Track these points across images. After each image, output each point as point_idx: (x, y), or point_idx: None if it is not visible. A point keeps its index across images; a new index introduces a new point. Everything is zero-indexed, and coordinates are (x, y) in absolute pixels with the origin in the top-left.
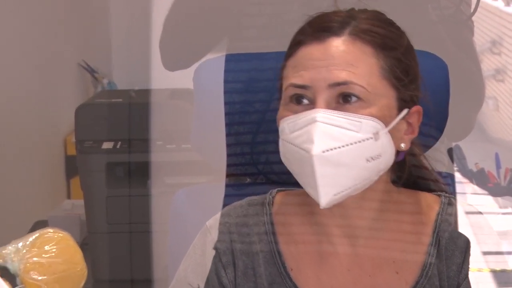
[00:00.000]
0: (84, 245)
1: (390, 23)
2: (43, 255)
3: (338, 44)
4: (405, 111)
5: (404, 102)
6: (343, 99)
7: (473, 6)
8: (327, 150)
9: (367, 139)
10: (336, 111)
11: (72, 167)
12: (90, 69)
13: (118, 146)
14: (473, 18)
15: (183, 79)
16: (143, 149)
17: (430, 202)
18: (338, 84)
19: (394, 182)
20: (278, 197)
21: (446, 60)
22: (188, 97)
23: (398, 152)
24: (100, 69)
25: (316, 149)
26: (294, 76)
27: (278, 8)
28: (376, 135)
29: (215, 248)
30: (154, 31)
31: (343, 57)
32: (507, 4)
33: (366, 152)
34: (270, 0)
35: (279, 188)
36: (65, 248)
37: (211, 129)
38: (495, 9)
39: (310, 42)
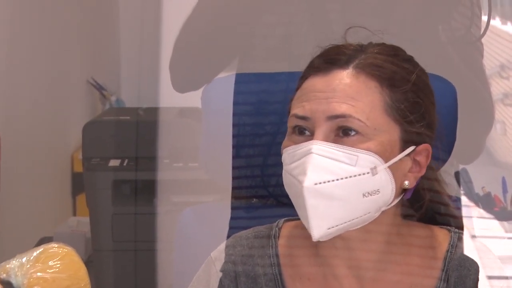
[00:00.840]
0: (89, 263)
1: (404, 59)
2: (47, 270)
3: (341, 77)
4: (410, 149)
5: (410, 139)
6: (342, 132)
7: (482, 29)
8: (320, 183)
9: (364, 173)
10: (333, 143)
11: (78, 184)
12: (98, 86)
13: (125, 164)
14: (483, 41)
15: (192, 97)
16: (150, 167)
17: (440, 237)
18: (337, 116)
19: (408, 215)
20: (285, 228)
21: (456, 82)
22: (196, 116)
23: (405, 189)
24: (108, 87)
25: (308, 181)
26: (296, 107)
27: (289, 29)
28: (373, 170)
29: (220, 280)
30: (163, 49)
31: (344, 90)
32: None
33: (363, 187)
34: (280, 22)
35: (286, 218)
36: (69, 263)
37: (219, 148)
38: (505, 33)
39: (315, 74)
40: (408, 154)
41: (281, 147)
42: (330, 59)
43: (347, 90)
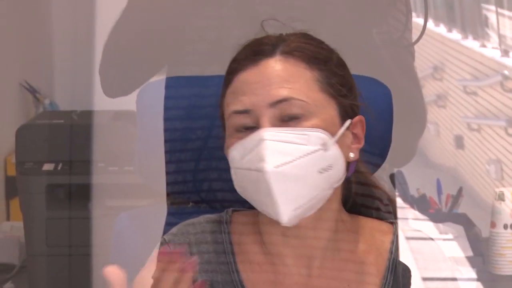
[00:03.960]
0: (22, 268)
1: (319, 41)
2: None
3: (272, 64)
4: (348, 122)
5: (346, 113)
6: (287, 115)
7: (415, 32)
8: (279, 166)
9: (316, 150)
10: (282, 128)
11: (11, 188)
12: (31, 89)
13: (59, 168)
14: (416, 43)
15: (127, 101)
16: (85, 171)
17: (384, 228)
18: (279, 101)
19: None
20: (235, 216)
21: (389, 85)
22: (132, 119)
23: (348, 165)
24: (42, 90)
25: (268, 166)
26: (234, 103)
27: (219, 33)
28: (324, 146)
29: None
30: (97, 51)
31: (278, 75)
32: (449, 30)
33: (317, 163)
34: (211, 26)
35: (233, 209)
36: None
37: (154, 152)
38: (438, 35)
39: (245, 67)
40: (348, 128)
41: (224, 149)
42: (255, 51)
43: (281, 75)
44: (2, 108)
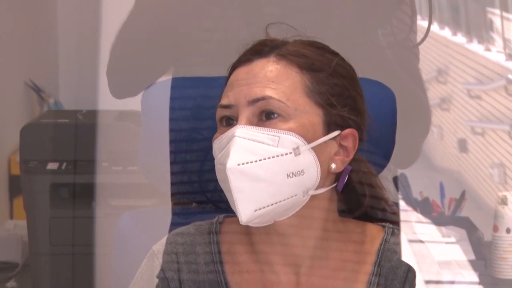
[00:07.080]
0: (25, 267)
1: (324, 49)
2: None
3: (262, 64)
4: (335, 133)
5: (334, 123)
6: (265, 116)
7: (420, 35)
8: (243, 164)
9: (286, 154)
10: (255, 126)
11: (15, 186)
12: (36, 88)
13: (63, 167)
14: (420, 46)
15: (131, 101)
16: (89, 171)
17: (374, 232)
18: (258, 100)
19: (343, 212)
20: (225, 224)
21: (394, 86)
22: (135, 119)
23: (337, 178)
24: (46, 89)
25: (231, 162)
26: (222, 98)
27: (226, 35)
28: (296, 150)
29: (163, 271)
30: (102, 51)
31: (265, 75)
32: (454, 33)
33: (286, 167)
34: (217, 27)
35: (225, 214)
36: None
37: (158, 151)
38: (442, 38)
39: (240, 65)
40: (334, 138)
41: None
42: (253, 51)
43: (268, 75)
44: (7, 107)
